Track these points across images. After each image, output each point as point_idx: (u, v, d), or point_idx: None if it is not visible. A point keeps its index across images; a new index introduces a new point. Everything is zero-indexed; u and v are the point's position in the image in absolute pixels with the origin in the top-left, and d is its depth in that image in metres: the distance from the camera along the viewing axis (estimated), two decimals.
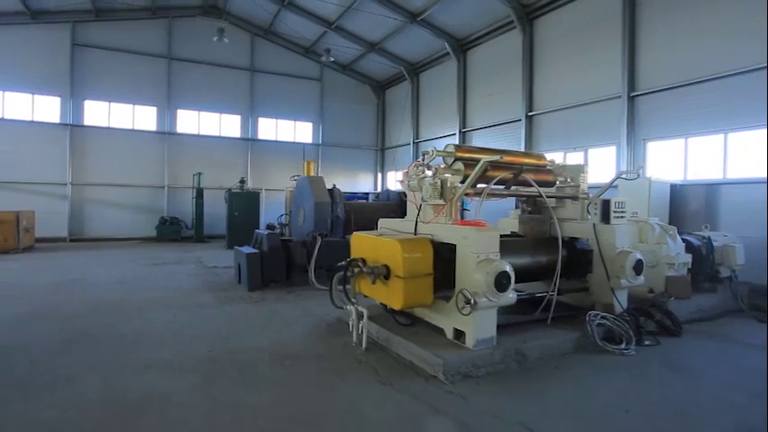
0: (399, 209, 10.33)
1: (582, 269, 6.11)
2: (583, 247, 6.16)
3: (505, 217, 7.29)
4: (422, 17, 16.03)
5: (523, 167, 5.59)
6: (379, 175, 23.43)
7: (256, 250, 8.71)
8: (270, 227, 13.07)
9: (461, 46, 17.04)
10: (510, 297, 4.58)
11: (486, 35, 15.94)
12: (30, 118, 17.04)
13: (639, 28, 11.11)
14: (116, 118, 18.35)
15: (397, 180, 7.43)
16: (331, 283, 5.49)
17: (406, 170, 5.75)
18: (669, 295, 6.50)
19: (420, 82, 20.24)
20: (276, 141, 21.21)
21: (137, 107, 18.67)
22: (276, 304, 7.40)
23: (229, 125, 20.36)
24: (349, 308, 5.29)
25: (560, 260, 5.56)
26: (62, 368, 4.46)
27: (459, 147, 5.64)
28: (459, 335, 4.77)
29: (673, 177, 10.25)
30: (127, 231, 18.13)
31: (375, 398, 3.90)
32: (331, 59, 19.67)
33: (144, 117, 18.82)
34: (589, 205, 6.19)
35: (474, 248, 4.54)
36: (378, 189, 22.42)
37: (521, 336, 5.01)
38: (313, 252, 8.39)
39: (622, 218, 6.06)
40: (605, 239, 5.84)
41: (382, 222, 6.27)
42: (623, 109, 11.26)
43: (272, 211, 17.68)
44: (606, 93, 11.82)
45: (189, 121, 19.61)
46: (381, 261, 4.98)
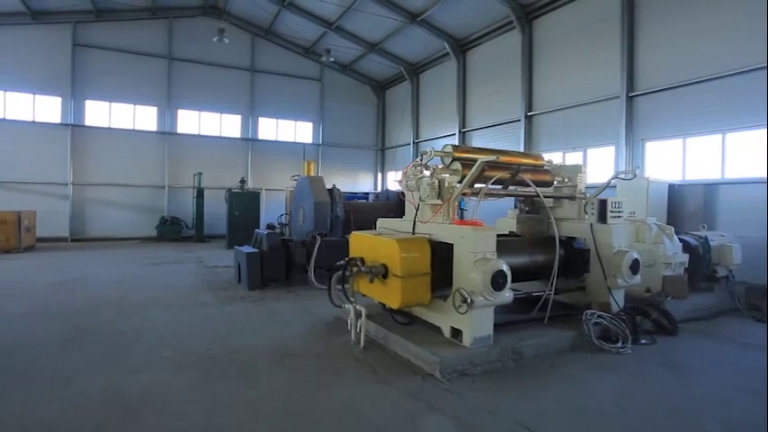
0: (399, 209, 10.36)
1: (579, 268, 6.13)
2: (580, 247, 6.18)
3: (504, 217, 7.33)
4: (421, 17, 16.07)
5: (521, 167, 5.64)
6: (379, 175, 23.48)
7: (256, 250, 8.75)
8: (270, 226, 13.12)
9: (461, 46, 17.08)
10: (506, 296, 4.62)
11: (485, 35, 15.98)
12: (31, 118, 17.11)
13: (638, 28, 11.15)
14: (117, 118, 18.42)
15: (396, 180, 7.47)
16: (330, 282, 5.54)
17: (404, 170, 5.79)
18: (666, 294, 6.54)
19: (420, 82, 20.28)
20: (276, 141, 21.27)
21: (137, 107, 18.74)
22: (276, 303, 7.45)
23: (230, 125, 20.42)
24: (347, 307, 5.33)
25: (557, 259, 5.60)
26: (63, 366, 4.51)
27: (456, 147, 5.68)
28: (456, 333, 4.81)
29: (671, 177, 10.29)
30: (127, 231, 18.20)
31: (372, 395, 3.94)
32: (331, 60, 19.72)
33: (144, 117, 18.89)
34: (586, 205, 6.23)
35: (471, 248, 4.58)
36: (378, 189, 22.45)
37: (517, 334, 5.05)
38: (312, 252, 8.43)
39: (619, 218, 6.10)
40: (602, 239, 5.88)
41: (381, 222, 6.31)
42: (622, 109, 11.30)
43: (273, 211, 17.73)
44: (605, 93, 11.85)
45: (189, 121, 19.68)
46: (380, 260, 5.03)
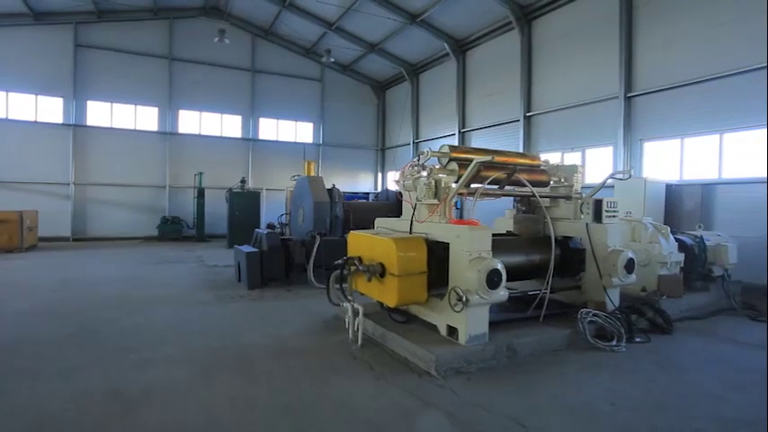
0: (398, 208, 10.35)
1: (575, 268, 6.21)
2: (576, 246, 6.26)
3: (501, 216, 7.40)
4: (421, 18, 16.14)
5: (516, 167, 5.70)
6: (379, 175, 23.56)
7: (256, 249, 8.83)
8: (270, 226, 13.18)
9: (461, 47, 17.14)
10: (501, 294, 4.69)
11: (485, 36, 16.04)
12: (33, 118, 17.23)
13: (636, 29, 11.19)
14: (118, 118, 18.52)
15: (394, 180, 7.53)
16: (328, 281, 5.61)
17: (402, 170, 5.86)
18: (661, 294, 6.59)
19: (420, 82, 20.35)
20: (277, 141, 21.35)
21: (139, 107, 18.84)
22: (275, 302, 7.53)
23: (230, 125, 20.51)
24: (345, 305, 5.40)
25: (553, 259, 5.67)
26: (66, 361, 4.59)
27: (453, 147, 5.73)
28: (452, 331, 4.88)
29: (669, 177, 10.34)
30: (129, 231, 18.30)
31: (368, 391, 4.01)
32: (331, 60, 19.80)
33: (146, 117, 18.99)
34: (582, 205, 6.29)
35: (466, 247, 4.65)
36: (378, 189, 22.53)
37: (513, 332, 5.11)
38: (312, 251, 8.50)
39: (614, 217, 6.16)
40: (597, 238, 5.94)
41: (379, 222, 6.39)
42: (620, 109, 11.35)
43: (273, 211, 17.79)
44: (603, 93, 11.90)
45: (190, 122, 19.77)
46: (377, 259, 5.10)
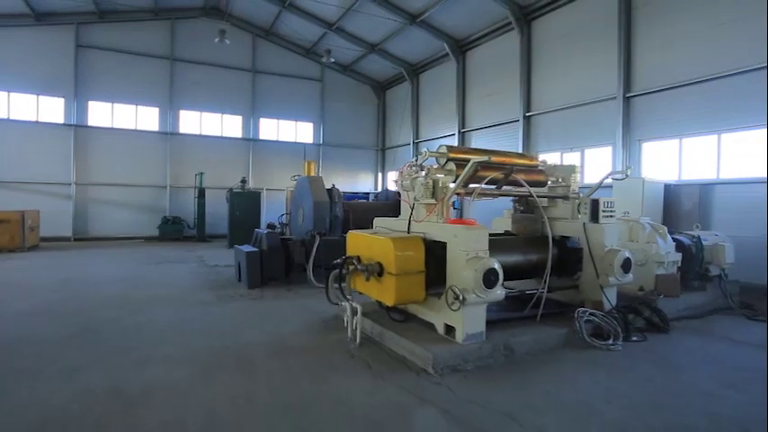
0: (397, 208, 10.38)
1: (572, 267, 6.25)
2: (573, 246, 6.30)
3: (500, 216, 7.44)
4: (421, 18, 16.18)
5: (513, 168, 5.74)
6: (379, 175, 23.60)
7: (256, 249, 8.88)
8: (270, 226, 13.24)
9: (460, 47, 17.18)
10: (498, 293, 4.73)
11: (484, 36, 16.08)
12: (34, 118, 17.30)
13: (635, 30, 11.22)
14: (119, 118, 18.59)
15: (393, 180, 7.58)
16: (327, 281, 5.66)
17: (400, 170, 5.91)
18: (659, 293, 6.64)
19: (420, 82, 20.39)
20: (277, 141, 21.41)
21: (140, 108, 18.90)
22: (275, 301, 7.58)
23: (231, 125, 20.57)
24: (344, 304, 5.45)
25: (550, 258, 5.72)
26: (67, 360, 4.65)
27: (451, 148, 5.79)
28: (449, 330, 4.92)
29: (667, 177, 10.38)
30: (130, 231, 18.37)
31: (366, 389, 4.06)
32: (332, 60, 19.84)
33: (147, 117, 19.06)
34: (579, 205, 6.33)
35: (463, 246, 4.70)
36: (378, 189, 22.57)
37: (510, 331, 5.16)
38: (311, 251, 8.55)
39: (611, 217, 6.20)
40: (594, 238, 5.98)
41: (377, 221, 6.45)
42: (619, 110, 11.39)
43: (274, 211, 17.83)
44: (602, 93, 11.94)
45: (191, 122, 19.84)
46: (375, 259, 5.15)
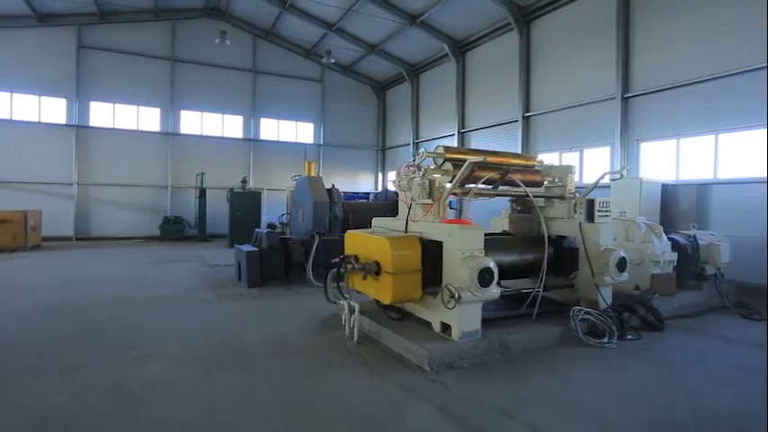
0: (396, 208, 10.49)
1: (569, 266, 6.31)
2: (570, 245, 6.35)
3: (497, 216, 7.50)
4: (421, 19, 16.24)
5: (510, 168, 5.81)
6: (380, 175, 23.67)
7: (256, 248, 8.95)
8: (271, 226, 13.32)
9: (460, 47, 17.24)
10: (493, 292, 4.80)
11: (484, 37, 16.14)
12: (37, 119, 17.41)
13: (633, 30, 11.27)
14: (121, 119, 18.69)
15: (390, 180, 7.64)
16: (326, 280, 5.73)
17: (398, 170, 5.98)
18: (654, 292, 6.70)
19: (420, 83, 20.45)
20: (278, 142, 21.49)
21: (141, 108, 19.00)
22: (274, 300, 7.66)
23: (232, 126, 20.66)
24: (342, 303, 5.52)
25: (546, 257, 5.77)
26: (69, 359, 4.72)
27: (448, 148, 5.87)
28: (445, 328, 4.99)
29: (665, 177, 10.42)
30: (131, 230, 18.47)
31: (363, 386, 4.13)
32: (332, 61, 19.90)
33: (148, 118, 19.15)
34: (575, 205, 6.40)
35: (459, 245, 4.76)
36: (379, 189, 22.64)
37: (506, 329, 5.22)
38: (311, 250, 8.61)
39: (607, 217, 6.26)
40: (590, 238, 6.04)
41: (375, 221, 6.51)
42: (617, 110, 11.44)
43: (274, 211, 17.91)
44: (601, 94, 11.99)
45: (192, 122, 19.93)
46: (373, 258, 5.22)
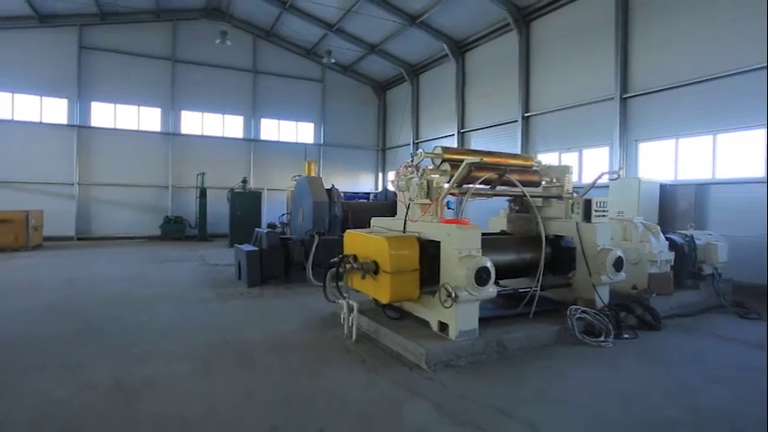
0: (395, 208, 10.55)
1: (566, 266, 6.36)
2: (567, 245, 6.40)
3: (496, 216, 7.55)
4: (421, 19, 16.29)
5: (507, 168, 5.86)
6: (380, 175, 23.72)
7: (256, 248, 9.01)
8: (271, 226, 13.38)
9: (460, 48, 17.29)
10: (490, 291, 4.85)
11: (483, 37, 16.18)
12: (38, 119, 17.48)
13: (632, 31, 11.31)
14: (122, 119, 18.77)
15: (390, 180, 7.70)
16: (325, 279, 5.79)
17: (397, 171, 6.03)
18: (651, 291, 6.74)
19: (420, 83, 20.50)
20: (278, 142, 21.55)
21: (142, 108, 19.08)
22: (274, 300, 7.72)
23: (232, 126, 20.73)
24: (341, 302, 5.58)
25: (543, 257, 5.83)
26: (71, 356, 4.78)
27: (446, 149, 5.91)
28: (443, 327, 5.04)
29: (664, 177, 10.46)
30: (132, 230, 18.55)
31: (360, 383, 4.19)
32: (332, 61, 19.97)
33: (149, 118, 19.23)
34: (573, 205, 6.44)
35: (456, 245, 4.81)
36: (379, 189, 22.69)
37: (503, 328, 5.27)
38: (311, 250, 8.67)
39: (604, 217, 6.30)
40: (587, 237, 6.09)
41: (374, 221, 6.57)
42: (616, 110, 11.48)
43: (274, 211, 17.97)
44: (600, 94, 12.03)
45: (193, 122, 19.99)
46: (371, 257, 5.27)
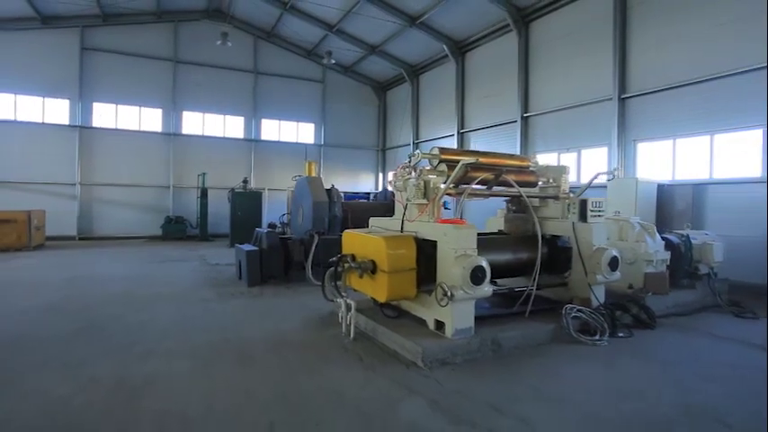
0: (394, 208, 10.65)
1: (562, 265, 6.43)
2: (563, 245, 6.48)
3: (493, 216, 7.62)
4: (421, 20, 16.35)
5: (504, 169, 5.92)
6: (380, 175, 23.79)
7: (256, 248, 9.09)
8: (271, 226, 13.47)
9: (459, 48, 17.35)
10: (485, 290, 4.92)
11: (483, 38, 16.24)
12: (40, 120, 17.59)
13: (630, 31, 11.36)
14: (123, 120, 18.87)
15: (389, 180, 7.77)
16: (323, 278, 5.86)
17: (395, 171, 6.10)
18: (647, 291, 6.80)
19: (420, 83, 20.57)
20: (279, 142, 21.64)
21: (143, 109, 19.18)
22: (274, 299, 7.79)
23: (233, 126, 20.82)
24: (339, 301, 5.65)
25: (539, 257, 5.90)
26: (73, 355, 4.86)
27: (443, 149, 5.98)
28: (440, 325, 5.11)
29: (661, 177, 10.51)
30: (133, 230, 18.66)
31: (358, 381, 4.26)
32: (332, 62, 20.04)
33: (150, 119, 19.32)
34: (569, 205, 6.51)
35: (453, 245, 4.88)
36: (379, 189, 22.75)
37: (499, 327, 5.34)
38: (310, 249, 8.74)
39: (599, 217, 6.36)
40: (583, 237, 6.15)
41: (372, 221, 6.64)
42: (614, 110, 11.53)
43: (275, 211, 18.06)
44: (598, 95, 12.08)
45: (194, 123, 20.09)
46: (369, 257, 5.35)
